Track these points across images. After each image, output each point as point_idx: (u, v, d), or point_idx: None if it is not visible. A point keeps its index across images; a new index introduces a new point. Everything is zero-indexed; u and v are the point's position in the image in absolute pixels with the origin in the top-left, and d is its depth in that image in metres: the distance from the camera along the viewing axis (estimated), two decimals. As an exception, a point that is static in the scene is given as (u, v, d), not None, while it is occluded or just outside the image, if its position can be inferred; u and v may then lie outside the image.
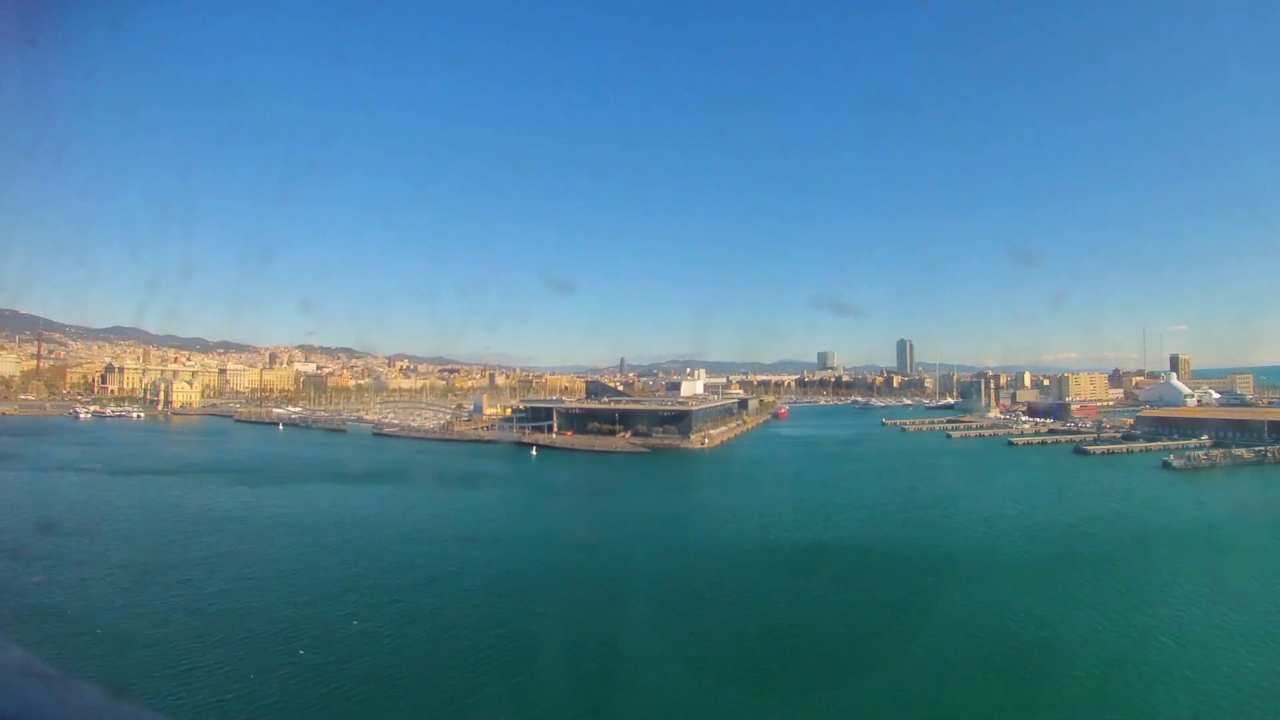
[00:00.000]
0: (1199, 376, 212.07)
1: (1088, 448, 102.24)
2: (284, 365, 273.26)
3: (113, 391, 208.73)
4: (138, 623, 32.84)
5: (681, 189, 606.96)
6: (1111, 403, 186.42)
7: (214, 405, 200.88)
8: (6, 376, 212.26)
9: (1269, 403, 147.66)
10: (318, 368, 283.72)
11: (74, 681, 1.58)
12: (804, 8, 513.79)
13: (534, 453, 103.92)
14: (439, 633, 32.26)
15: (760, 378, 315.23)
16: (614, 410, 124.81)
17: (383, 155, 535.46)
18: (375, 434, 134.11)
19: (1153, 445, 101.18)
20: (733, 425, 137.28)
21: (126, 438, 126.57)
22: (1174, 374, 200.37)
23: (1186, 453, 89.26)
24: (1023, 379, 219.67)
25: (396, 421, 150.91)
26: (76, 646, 30.02)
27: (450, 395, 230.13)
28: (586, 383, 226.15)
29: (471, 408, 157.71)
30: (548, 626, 32.84)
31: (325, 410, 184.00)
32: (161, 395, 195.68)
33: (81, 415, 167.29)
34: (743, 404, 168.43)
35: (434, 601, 36.35)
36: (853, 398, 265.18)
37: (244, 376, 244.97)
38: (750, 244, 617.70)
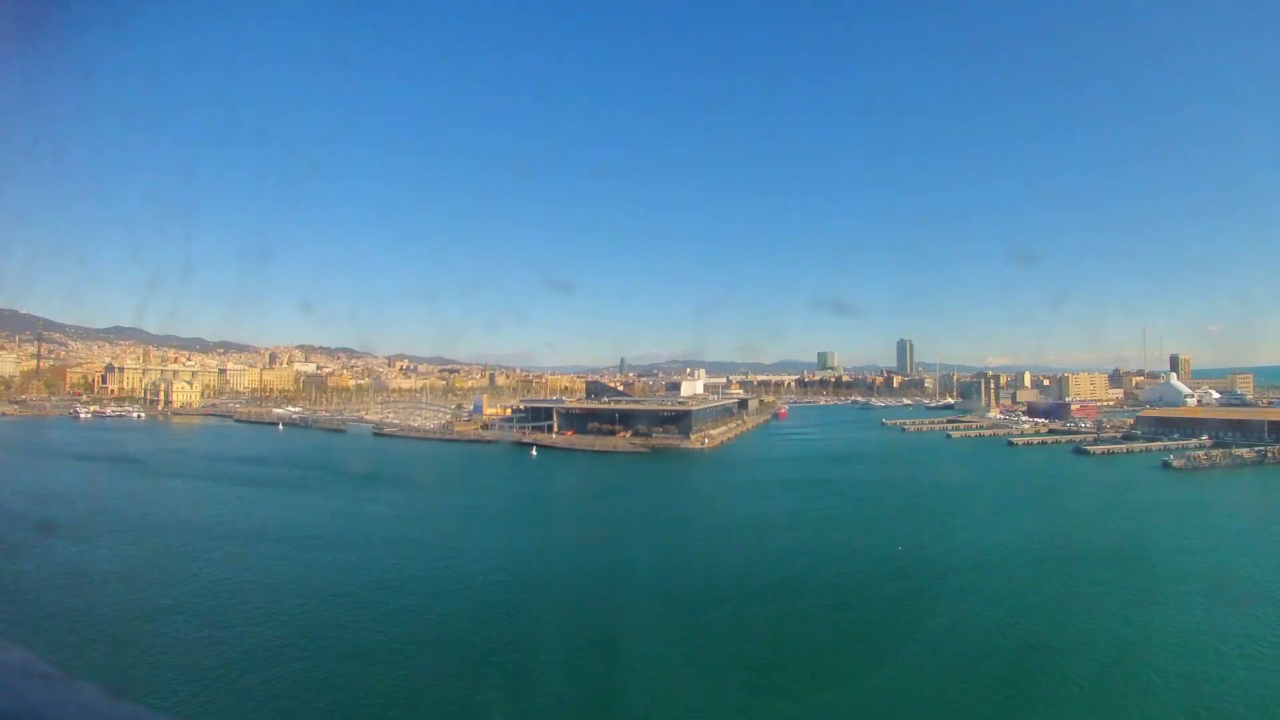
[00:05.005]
0: (1199, 376, 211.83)
1: (1088, 448, 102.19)
2: (284, 365, 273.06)
3: (113, 391, 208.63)
4: (138, 623, 32.84)
5: (681, 189, 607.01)
6: (1111, 403, 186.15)
7: (214, 405, 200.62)
8: (6, 376, 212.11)
9: (1269, 403, 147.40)
10: (318, 368, 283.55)
11: (74, 681, 1.58)
12: (805, 9, 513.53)
13: (534, 453, 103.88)
14: (437, 633, 32.25)
15: (760, 378, 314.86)
16: (614, 410, 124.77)
17: (383, 155, 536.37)
18: (375, 434, 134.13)
19: (1153, 445, 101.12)
20: (733, 425, 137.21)
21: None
22: (1174, 374, 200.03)
23: (1186, 453, 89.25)
24: (1023, 379, 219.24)
25: (397, 421, 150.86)
26: (76, 646, 30.03)
27: (450, 395, 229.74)
28: (586, 383, 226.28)
29: (471, 408, 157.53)
30: (548, 627, 32.85)
31: (325, 410, 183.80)
32: (161, 395, 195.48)
33: (82, 415, 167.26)
34: (743, 404, 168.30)
35: (432, 602, 36.33)
36: (853, 398, 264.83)
37: (244, 376, 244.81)
38: (750, 244, 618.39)
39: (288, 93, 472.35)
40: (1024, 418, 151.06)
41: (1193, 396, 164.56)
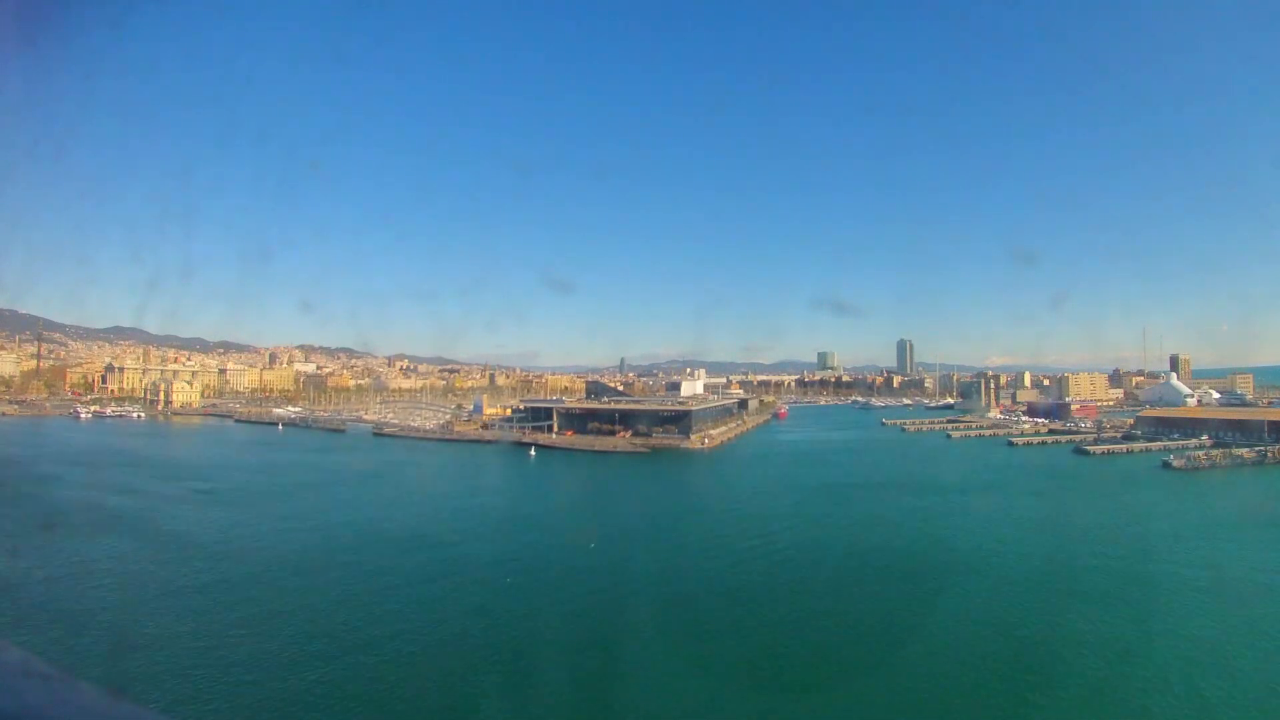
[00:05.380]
0: (1199, 376, 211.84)
1: (1088, 448, 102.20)
2: (284, 365, 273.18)
3: (113, 391, 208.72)
4: (138, 623, 32.84)
5: (682, 189, 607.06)
6: (1111, 403, 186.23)
7: (214, 405, 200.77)
8: (6, 376, 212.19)
9: (1269, 403, 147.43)
10: (318, 368, 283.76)
11: (74, 681, 1.57)
12: (805, 10, 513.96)
13: (534, 453, 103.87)
14: (437, 633, 32.25)
15: (760, 378, 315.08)
16: (614, 410, 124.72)
17: (383, 155, 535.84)
18: (375, 434, 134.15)
19: (1153, 445, 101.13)
20: (733, 425, 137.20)
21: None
22: (1174, 374, 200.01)
23: (1187, 453, 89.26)
24: (1023, 379, 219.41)
25: (396, 421, 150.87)
26: (76, 646, 30.03)
27: (450, 395, 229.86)
28: (586, 383, 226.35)
29: (471, 408, 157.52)
30: (547, 627, 32.86)
31: (325, 410, 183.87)
32: (161, 395, 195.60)
33: (82, 415, 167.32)
34: (743, 404, 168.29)
35: (432, 602, 36.34)
36: (853, 398, 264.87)
37: (244, 376, 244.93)
38: (750, 244, 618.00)
39: (288, 93, 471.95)
40: (1024, 418, 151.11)
41: (1193, 396, 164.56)
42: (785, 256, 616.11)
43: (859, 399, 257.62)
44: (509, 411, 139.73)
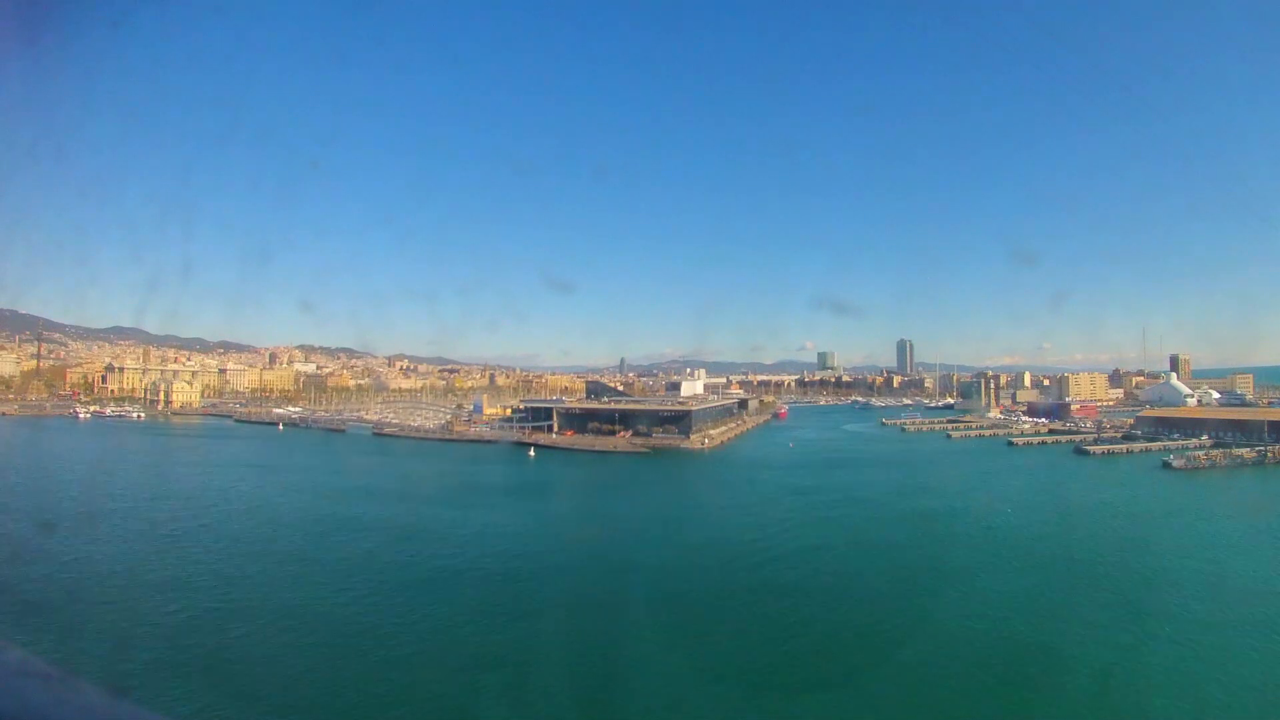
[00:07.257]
0: (1199, 376, 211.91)
1: (1088, 448, 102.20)
2: (284, 365, 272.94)
3: (113, 391, 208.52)
4: (138, 623, 32.80)
5: (681, 189, 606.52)
6: (1112, 403, 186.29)
7: (214, 405, 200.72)
8: (6, 376, 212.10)
9: (1269, 403, 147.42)
10: (318, 368, 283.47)
11: (74, 681, 1.58)
12: (805, 10, 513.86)
13: (533, 453, 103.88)
14: (436, 634, 32.22)
15: (760, 378, 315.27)
16: (614, 410, 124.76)
17: (383, 155, 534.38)
18: (375, 434, 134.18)
19: (1153, 445, 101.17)
20: (733, 425, 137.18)
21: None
22: (1174, 374, 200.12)
23: (1186, 453, 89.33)
24: (1023, 379, 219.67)
25: (396, 421, 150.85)
26: (76, 646, 30.00)
27: (450, 395, 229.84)
28: (586, 383, 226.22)
29: (471, 408, 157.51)
30: (547, 628, 32.84)
31: (325, 410, 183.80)
32: (161, 395, 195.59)
33: (81, 415, 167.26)
34: (743, 404, 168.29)
35: (431, 603, 36.31)
36: (853, 398, 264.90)
37: (244, 376, 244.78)
38: (750, 244, 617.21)
39: (288, 93, 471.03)
40: (1024, 418, 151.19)
41: (1193, 396, 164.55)
42: (785, 256, 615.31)
43: (859, 399, 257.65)
44: (509, 411, 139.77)
